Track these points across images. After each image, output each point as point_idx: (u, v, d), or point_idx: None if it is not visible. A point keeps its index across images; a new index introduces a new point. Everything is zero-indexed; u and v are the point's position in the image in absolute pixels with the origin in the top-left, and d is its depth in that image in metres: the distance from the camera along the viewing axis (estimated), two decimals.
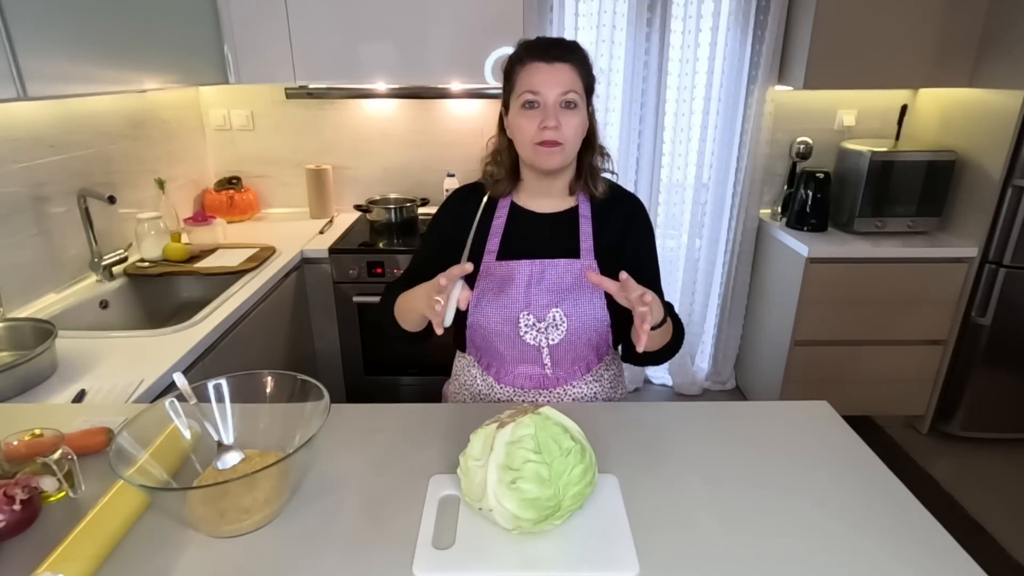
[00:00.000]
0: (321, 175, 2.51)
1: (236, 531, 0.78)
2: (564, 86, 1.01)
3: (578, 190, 1.14)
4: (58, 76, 1.37)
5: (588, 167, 1.12)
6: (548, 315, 1.08)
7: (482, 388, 1.20)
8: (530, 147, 1.04)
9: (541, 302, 1.08)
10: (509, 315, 1.09)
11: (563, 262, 1.09)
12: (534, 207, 1.15)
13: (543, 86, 1.01)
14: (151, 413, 0.86)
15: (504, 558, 0.74)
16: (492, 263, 1.11)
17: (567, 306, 1.08)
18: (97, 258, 1.74)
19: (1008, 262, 2.15)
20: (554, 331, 1.09)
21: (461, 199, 1.19)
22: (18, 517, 0.76)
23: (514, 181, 1.15)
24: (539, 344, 1.10)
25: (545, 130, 1.01)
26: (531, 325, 1.09)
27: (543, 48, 1.03)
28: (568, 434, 0.79)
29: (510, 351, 1.12)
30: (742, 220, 2.55)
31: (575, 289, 1.08)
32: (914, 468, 2.29)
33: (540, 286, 1.08)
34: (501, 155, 1.13)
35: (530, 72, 1.02)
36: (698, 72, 2.41)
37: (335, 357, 2.28)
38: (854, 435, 1.02)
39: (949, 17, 2.12)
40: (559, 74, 1.01)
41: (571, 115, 1.03)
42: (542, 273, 1.08)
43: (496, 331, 1.10)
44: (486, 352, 1.16)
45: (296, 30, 2.07)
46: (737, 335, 2.78)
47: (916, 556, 0.76)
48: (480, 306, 1.10)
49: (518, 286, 1.08)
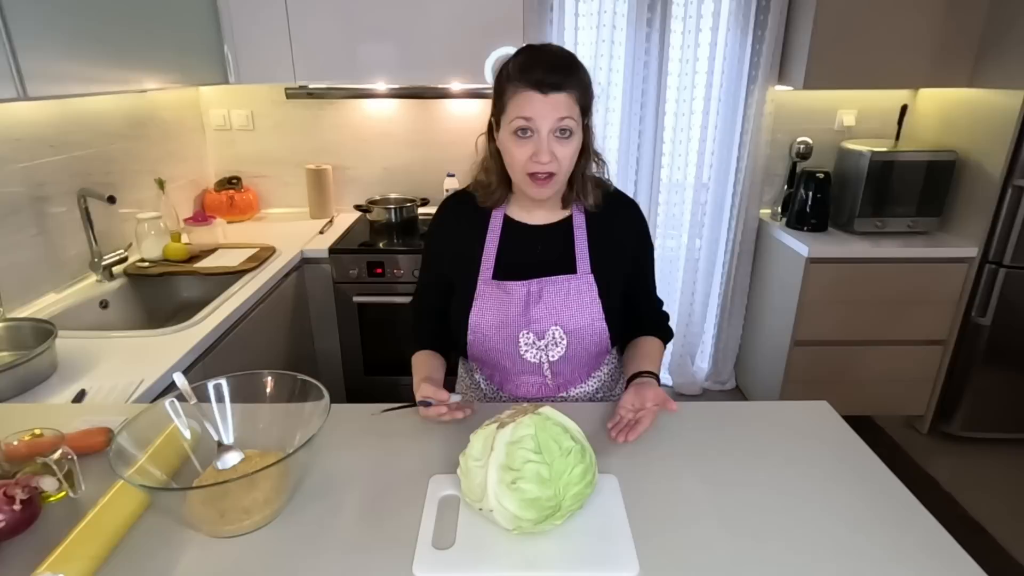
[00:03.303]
0: (321, 175, 2.51)
1: (236, 531, 0.78)
2: (560, 113, 0.94)
3: (571, 201, 1.10)
4: (58, 76, 1.37)
5: (580, 177, 1.07)
6: (548, 333, 1.07)
7: (487, 392, 1.21)
8: (521, 175, 1.00)
9: (541, 320, 1.06)
10: (509, 335, 1.07)
11: (560, 279, 1.07)
12: (527, 219, 1.11)
13: (537, 117, 0.94)
14: (151, 413, 0.86)
15: (504, 558, 0.74)
16: (489, 282, 1.08)
17: (566, 322, 1.06)
18: (97, 258, 1.74)
19: (1008, 262, 2.15)
20: (554, 348, 1.08)
21: (452, 213, 1.16)
22: (18, 517, 0.76)
23: (505, 190, 1.09)
24: (540, 360, 1.09)
25: (537, 163, 0.96)
26: (531, 343, 1.07)
27: (538, 77, 0.93)
28: (568, 434, 0.79)
29: (511, 365, 1.11)
30: (742, 220, 2.55)
31: (573, 304, 1.07)
32: (914, 468, 2.29)
33: (539, 305, 1.06)
34: (491, 162, 1.08)
35: (523, 100, 0.94)
36: (698, 72, 2.41)
37: (335, 357, 2.28)
38: (854, 435, 1.02)
39: (949, 17, 2.12)
40: (554, 104, 0.94)
41: (566, 144, 0.97)
42: (540, 292, 1.06)
43: (497, 349, 1.09)
44: (487, 364, 1.16)
45: (296, 30, 2.07)
46: (737, 335, 2.78)
47: (916, 556, 0.76)
48: (480, 325, 1.08)
49: (516, 305, 1.06)
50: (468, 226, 1.11)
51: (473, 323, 1.08)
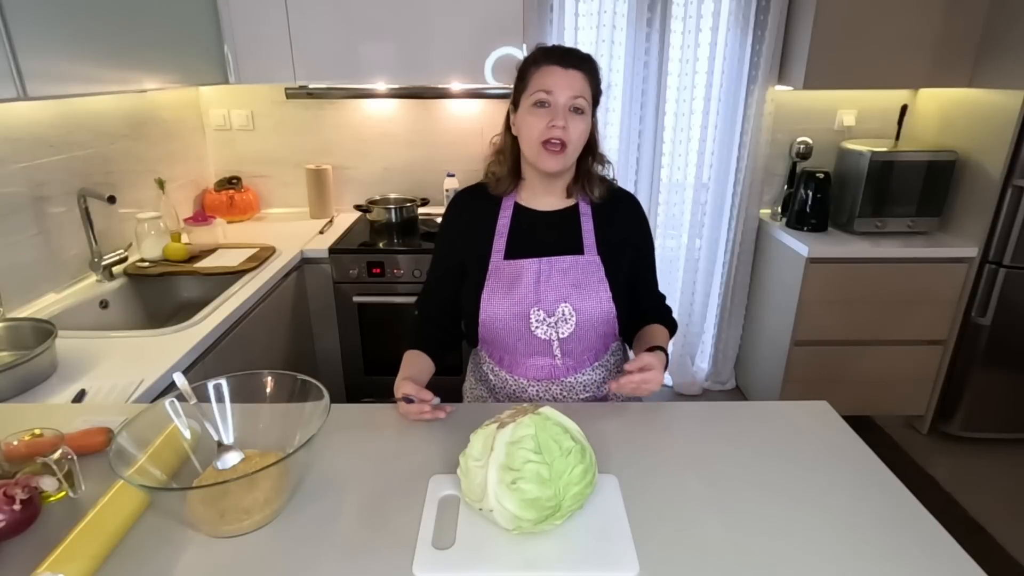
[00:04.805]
0: (321, 175, 2.51)
1: (236, 531, 0.78)
2: (575, 91, 1.06)
3: (576, 192, 1.18)
4: (58, 76, 1.37)
5: (586, 172, 1.16)
6: (558, 310, 1.12)
7: (496, 382, 1.23)
8: (535, 146, 1.08)
9: (550, 297, 1.12)
10: (520, 311, 1.12)
11: (569, 258, 1.13)
12: (536, 205, 1.19)
13: (556, 87, 1.05)
14: (151, 413, 0.86)
15: (504, 558, 0.74)
16: (500, 262, 1.15)
17: (575, 300, 1.12)
18: (97, 258, 1.74)
19: (1008, 262, 2.15)
20: (564, 325, 1.12)
21: (465, 204, 1.24)
22: (18, 517, 0.76)
23: (515, 179, 1.18)
24: (550, 338, 1.13)
25: (553, 128, 1.05)
26: (542, 320, 1.12)
27: (560, 54, 1.08)
28: (568, 434, 0.79)
29: (522, 345, 1.16)
30: (742, 220, 2.55)
31: (582, 283, 1.13)
32: (914, 468, 2.29)
33: (549, 282, 1.12)
34: (504, 154, 1.17)
35: (545, 74, 1.07)
36: (698, 72, 2.41)
37: (335, 357, 2.28)
38: (854, 435, 1.02)
39: (949, 17, 2.12)
40: (572, 79, 1.06)
41: (578, 120, 1.07)
42: (550, 270, 1.13)
43: (508, 327, 1.14)
44: (497, 347, 1.19)
45: (296, 30, 2.07)
46: (737, 335, 2.78)
47: (916, 556, 0.76)
48: (491, 304, 1.14)
49: (527, 283, 1.12)
50: (481, 214, 1.19)
51: (485, 302, 1.13)
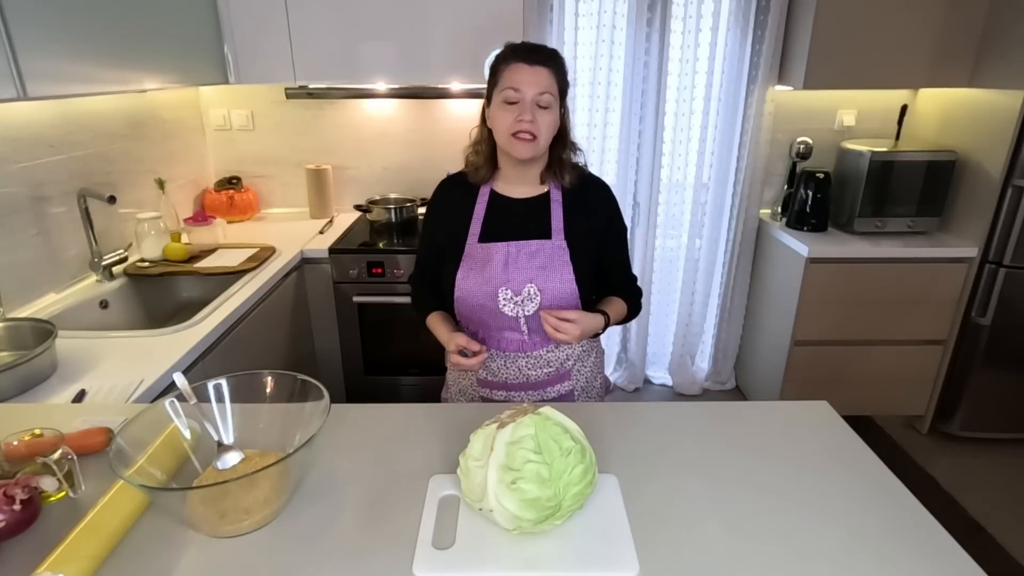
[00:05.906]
0: (321, 175, 2.51)
1: (236, 531, 0.78)
2: (541, 87, 1.13)
3: (549, 179, 1.25)
4: (58, 76, 1.37)
5: (558, 159, 1.24)
6: (524, 290, 1.20)
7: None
8: (506, 137, 1.16)
9: (518, 278, 1.20)
10: (490, 290, 1.20)
11: (536, 242, 1.22)
12: (511, 193, 1.26)
13: (523, 84, 1.12)
14: (151, 413, 0.86)
15: (504, 558, 0.74)
16: (474, 245, 1.23)
17: (540, 281, 1.20)
18: (97, 258, 1.74)
19: (1008, 262, 2.15)
20: (529, 303, 1.20)
21: (446, 190, 1.33)
22: (18, 517, 0.76)
23: (492, 169, 1.26)
24: (517, 315, 1.21)
25: (521, 122, 1.12)
26: (509, 299, 1.20)
27: (527, 52, 1.15)
28: (568, 434, 0.79)
29: (492, 321, 1.24)
30: (742, 220, 2.55)
31: (547, 265, 1.21)
32: (914, 468, 2.29)
33: (516, 264, 1.20)
34: (481, 145, 1.25)
35: (513, 71, 1.14)
36: (698, 72, 2.41)
37: (335, 357, 2.28)
38: (854, 435, 1.02)
39: (949, 17, 2.12)
40: (538, 76, 1.13)
41: (545, 113, 1.15)
42: (518, 253, 1.21)
43: (479, 304, 1.22)
44: (472, 321, 1.27)
45: (296, 30, 2.07)
46: (737, 335, 2.78)
47: (916, 556, 0.76)
48: (465, 283, 1.22)
49: (497, 265, 1.20)
50: (460, 201, 1.27)
51: (460, 281, 1.22)
